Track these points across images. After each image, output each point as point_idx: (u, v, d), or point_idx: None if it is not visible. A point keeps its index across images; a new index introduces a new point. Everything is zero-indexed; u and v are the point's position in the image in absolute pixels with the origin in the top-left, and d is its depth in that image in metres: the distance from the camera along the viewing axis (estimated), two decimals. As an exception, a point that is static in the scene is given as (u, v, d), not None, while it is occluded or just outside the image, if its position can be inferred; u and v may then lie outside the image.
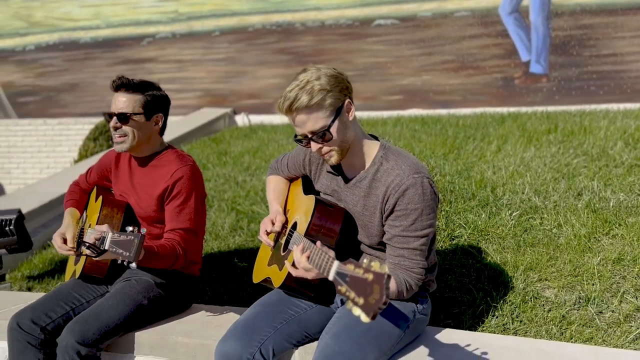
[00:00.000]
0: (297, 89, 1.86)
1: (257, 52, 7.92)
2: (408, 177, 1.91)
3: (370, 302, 1.40)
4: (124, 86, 2.38)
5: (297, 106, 1.86)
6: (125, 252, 1.89)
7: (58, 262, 3.67)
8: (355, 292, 1.44)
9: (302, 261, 1.81)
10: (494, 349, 1.99)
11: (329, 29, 7.71)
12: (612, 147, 4.07)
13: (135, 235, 1.90)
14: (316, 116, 1.88)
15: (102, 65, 8.54)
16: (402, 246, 1.92)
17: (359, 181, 2.03)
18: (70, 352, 2.11)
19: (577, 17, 7.00)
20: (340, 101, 1.92)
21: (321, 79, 1.88)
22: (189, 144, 6.31)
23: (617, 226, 3.03)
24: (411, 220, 1.91)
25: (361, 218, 2.04)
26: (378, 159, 2.01)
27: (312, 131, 1.91)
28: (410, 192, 1.90)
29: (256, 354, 1.95)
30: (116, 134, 2.41)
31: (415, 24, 7.44)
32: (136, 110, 2.38)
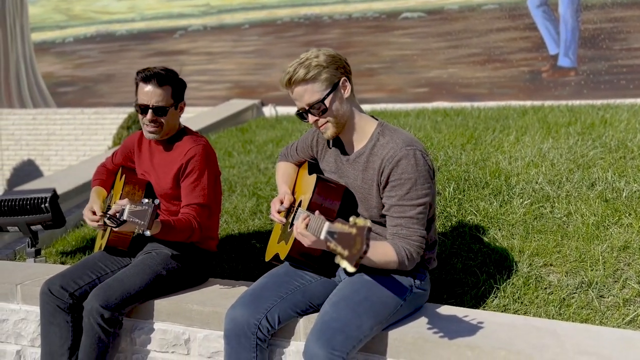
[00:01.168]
0: (296, 64, 2.05)
1: (285, 45, 8.06)
2: (401, 149, 2.04)
3: (353, 252, 1.55)
4: (156, 78, 2.51)
5: (295, 79, 2.03)
6: (140, 221, 2.05)
7: (89, 240, 3.90)
8: (341, 246, 1.59)
9: (300, 227, 1.94)
10: (487, 324, 2.08)
11: (356, 22, 7.80)
12: (631, 140, 4.07)
13: (149, 205, 2.06)
14: (312, 89, 2.04)
15: (136, 57, 8.83)
16: (399, 215, 2.04)
17: (358, 156, 2.16)
18: (94, 315, 2.30)
19: (607, 10, 6.92)
20: (336, 77, 2.06)
21: (319, 57, 2.05)
22: (216, 133, 6.51)
23: (627, 215, 3.06)
24: (406, 190, 2.02)
25: (360, 192, 2.17)
26: (375, 135, 2.14)
27: (308, 103, 2.07)
28: (403, 163, 2.02)
29: (262, 320, 2.09)
30: (150, 124, 2.55)
31: (443, 17, 7.46)
32: (170, 103, 2.54)
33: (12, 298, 2.75)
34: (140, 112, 2.56)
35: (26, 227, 3.42)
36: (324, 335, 1.88)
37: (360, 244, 1.52)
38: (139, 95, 2.55)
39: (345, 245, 1.57)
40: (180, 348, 2.41)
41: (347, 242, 1.57)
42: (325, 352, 1.84)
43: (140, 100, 2.54)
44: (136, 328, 2.50)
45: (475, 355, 1.88)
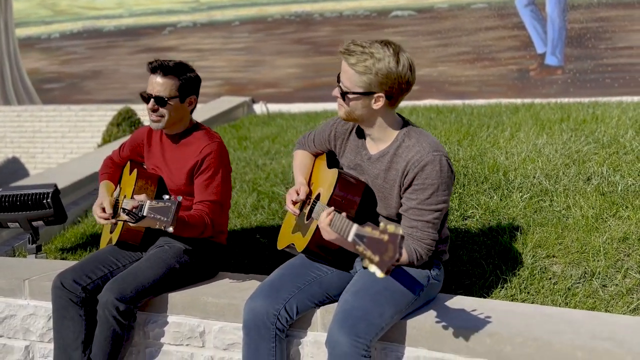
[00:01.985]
0: (360, 49, 2.01)
1: (275, 42, 8.07)
2: (428, 154, 2.05)
3: (385, 259, 1.57)
4: (161, 69, 2.54)
5: (346, 57, 2.03)
6: (163, 218, 2.06)
7: (89, 236, 3.88)
8: (371, 251, 1.62)
9: (324, 222, 1.97)
10: (499, 313, 2.13)
11: (347, 20, 7.84)
12: (623, 136, 4.17)
13: (172, 202, 2.07)
14: (350, 77, 2.03)
15: (124, 54, 8.76)
16: (416, 218, 2.07)
17: (382, 156, 2.18)
18: (109, 308, 2.30)
19: (593, 10, 7.07)
20: (374, 88, 2.03)
21: (377, 64, 2.00)
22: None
23: (624, 208, 3.15)
24: (427, 195, 2.05)
25: (381, 191, 2.19)
26: (401, 136, 2.15)
27: (341, 81, 2.08)
28: (428, 168, 2.04)
29: (281, 310, 2.12)
30: (152, 114, 2.57)
31: (432, 16, 7.54)
32: (172, 94, 2.55)
33: (20, 293, 2.73)
34: (145, 102, 2.58)
35: (27, 223, 3.39)
36: (346, 323, 1.91)
37: (393, 252, 1.55)
38: (147, 85, 2.58)
39: (375, 251, 1.59)
40: (195, 340, 2.43)
41: (378, 247, 1.60)
42: (349, 340, 1.88)
43: (147, 89, 2.57)
44: (149, 321, 2.50)
45: (494, 341, 1.93)
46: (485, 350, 1.94)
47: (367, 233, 1.66)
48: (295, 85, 8.00)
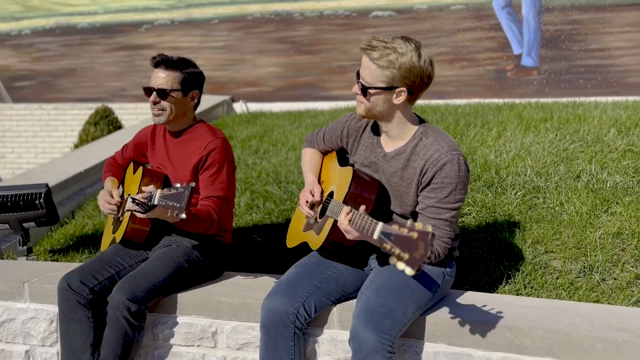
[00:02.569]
0: (383, 44, 1.99)
1: (255, 41, 8.03)
2: (447, 153, 2.08)
3: (416, 256, 1.59)
4: (163, 63, 2.52)
5: (368, 52, 2.02)
6: (176, 204, 2.03)
7: (79, 237, 3.79)
8: (400, 249, 1.63)
9: (344, 223, 1.98)
10: (513, 307, 2.19)
11: (327, 19, 7.86)
12: (606, 134, 4.31)
13: (185, 187, 2.05)
14: (372, 72, 2.03)
15: (99, 51, 8.57)
16: (434, 216, 2.10)
17: (398, 154, 2.19)
18: (121, 308, 2.26)
19: (567, 13, 7.26)
20: (396, 83, 2.04)
21: (400, 58, 1.99)
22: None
23: (615, 204, 3.25)
24: (446, 194, 2.08)
25: (397, 189, 2.20)
26: (418, 135, 2.17)
27: (361, 76, 2.08)
28: (447, 167, 2.07)
29: (300, 308, 2.12)
30: (154, 107, 2.55)
31: (412, 16, 7.62)
32: (174, 87, 2.52)
33: (19, 297, 2.66)
34: (146, 94, 2.57)
35: (18, 224, 3.29)
36: (372, 319, 1.93)
37: (425, 249, 1.57)
38: (150, 79, 2.55)
39: (405, 248, 1.61)
40: (207, 341, 2.40)
41: (406, 245, 1.61)
42: (376, 336, 1.89)
43: (149, 83, 2.55)
44: (159, 323, 2.47)
45: (514, 335, 1.97)
46: (505, 343, 1.99)
47: (394, 231, 1.67)
48: (275, 84, 7.97)
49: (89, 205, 4.36)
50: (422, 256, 1.56)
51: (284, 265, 3.07)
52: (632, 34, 7.14)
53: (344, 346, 2.21)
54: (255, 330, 2.34)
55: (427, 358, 2.09)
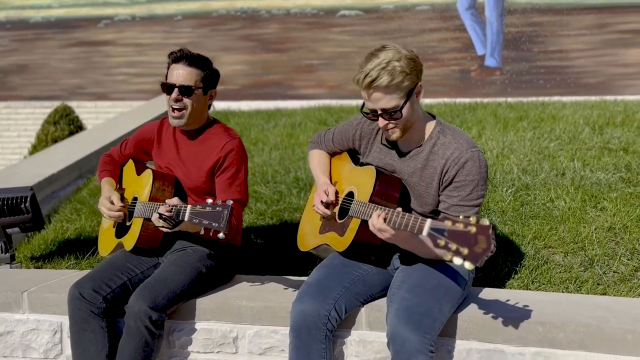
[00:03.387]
0: (379, 69, 1.98)
1: (221, 38, 7.89)
2: (467, 150, 2.10)
3: (477, 250, 1.60)
4: (186, 59, 2.41)
5: (378, 85, 1.99)
6: (213, 223, 1.97)
7: (60, 243, 3.60)
8: (457, 244, 1.63)
9: (379, 222, 1.96)
10: (534, 302, 2.22)
11: (294, 18, 7.82)
12: (581, 133, 4.49)
13: (224, 207, 1.98)
14: (391, 96, 2.02)
15: (54, 47, 8.19)
16: (457, 214, 2.11)
17: (416, 154, 2.20)
18: (142, 317, 2.16)
19: (527, 15, 7.52)
20: (414, 84, 2.06)
21: (401, 60, 2.01)
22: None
23: (602, 200, 3.39)
24: (468, 191, 2.10)
25: (417, 188, 2.21)
26: (435, 134, 2.18)
27: (384, 109, 2.05)
28: (469, 165, 2.09)
29: (332, 310, 2.09)
30: (175, 106, 2.43)
31: (379, 16, 7.69)
32: (197, 85, 2.43)
33: (17, 307, 2.50)
34: (166, 92, 2.45)
35: (1, 230, 3.10)
36: (412, 319, 1.92)
37: (487, 243, 1.58)
38: (168, 75, 2.46)
39: (463, 243, 1.61)
40: (228, 347, 2.34)
41: (464, 240, 1.62)
42: (418, 336, 1.89)
43: (168, 80, 2.45)
44: (174, 330, 2.38)
45: (547, 330, 2.02)
46: (537, 338, 2.03)
47: (446, 226, 1.67)
48: (242, 83, 7.86)
49: (65, 209, 4.16)
50: (484, 250, 1.57)
51: (287, 267, 3.03)
52: (588, 37, 7.47)
53: (373, 347, 2.21)
54: (279, 334, 2.29)
55: (460, 356, 2.11)
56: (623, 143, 4.21)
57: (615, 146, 4.14)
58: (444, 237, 1.65)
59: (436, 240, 1.67)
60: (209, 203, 2.03)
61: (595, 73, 7.52)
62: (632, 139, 4.28)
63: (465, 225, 1.62)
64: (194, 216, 2.02)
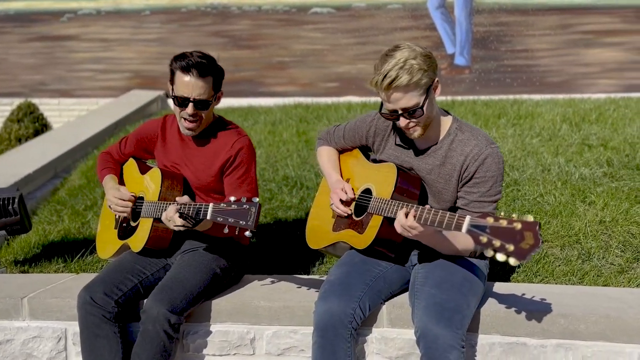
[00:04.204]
0: (397, 69, 1.97)
1: (191, 34, 7.73)
2: (486, 147, 2.13)
3: (524, 247, 1.62)
4: (197, 69, 2.27)
5: (397, 84, 1.98)
6: (241, 221, 1.92)
7: (43, 245, 3.44)
8: (501, 240, 1.65)
9: (408, 220, 1.96)
10: (548, 295, 2.27)
11: (266, 14, 7.74)
12: (560, 130, 4.63)
13: (251, 205, 1.93)
14: (411, 95, 2.02)
15: (13, 41, 7.83)
16: (478, 211, 2.13)
17: (434, 151, 2.21)
18: (161, 321, 2.08)
19: (495, 15, 7.70)
20: (431, 80, 2.06)
21: (417, 58, 2.01)
22: (132, 126, 6.06)
23: (589, 195, 3.50)
24: (488, 187, 2.13)
25: (435, 185, 2.22)
26: (453, 131, 2.20)
27: (404, 108, 2.04)
28: (489, 161, 2.12)
29: (357, 308, 2.08)
30: (189, 118, 2.34)
31: (351, 14, 7.71)
32: (211, 95, 2.35)
33: (17, 314, 2.37)
34: (179, 105, 2.34)
35: (-14, 233, 2.94)
36: (443, 316, 1.93)
37: (534, 239, 1.60)
38: (177, 85, 2.33)
39: (508, 240, 1.62)
40: (245, 349, 2.29)
41: (509, 236, 1.63)
42: (450, 332, 1.90)
43: (179, 91, 2.32)
44: (189, 333, 2.31)
45: (569, 322, 2.07)
46: (559, 330, 2.07)
47: (488, 223, 1.68)
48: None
49: (44, 210, 3.98)
50: (532, 246, 1.59)
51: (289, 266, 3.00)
52: (552, 37, 7.71)
53: (395, 344, 2.20)
54: (298, 334, 2.26)
55: (483, 350, 2.13)
56: (600, 139, 4.36)
57: (594, 142, 4.29)
58: (486, 233, 1.66)
59: (478, 237, 1.68)
60: (233, 200, 1.98)
61: (558, 72, 7.76)
62: (609, 135, 4.45)
63: (509, 221, 1.64)
64: (218, 214, 1.96)
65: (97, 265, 3.12)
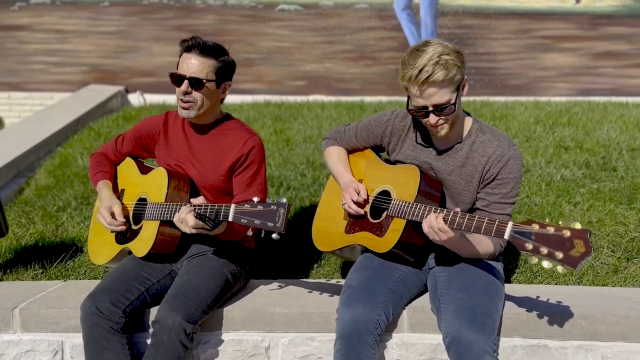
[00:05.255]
0: (433, 64, 1.93)
1: (152, 28, 7.45)
2: (509, 148, 2.12)
3: (574, 255, 1.60)
4: (198, 47, 2.23)
5: (434, 80, 1.94)
6: (269, 223, 1.82)
7: (16, 251, 3.19)
8: (549, 248, 1.63)
9: (439, 223, 1.92)
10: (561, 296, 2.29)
11: (232, 10, 7.56)
12: (534, 132, 4.73)
13: (279, 205, 1.84)
14: (445, 91, 1.98)
15: (-42, 30, 7.31)
16: (498, 212, 2.13)
17: (455, 152, 2.18)
18: (177, 330, 1.96)
19: (459, 18, 7.82)
20: (462, 77, 2.04)
21: (451, 54, 1.98)
22: (97, 123, 5.77)
23: (573, 196, 3.59)
24: (509, 188, 2.12)
25: (454, 186, 2.19)
26: (474, 132, 2.18)
27: (436, 104, 2.00)
28: (511, 163, 2.11)
29: (381, 314, 2.02)
30: (183, 98, 2.25)
31: (318, 12, 7.64)
32: (209, 77, 2.25)
33: (6, 326, 2.18)
34: (175, 83, 2.26)
35: (-42, 238, 2.69)
36: (475, 320, 1.90)
37: (586, 247, 1.58)
38: (179, 65, 2.27)
39: (557, 247, 1.61)
40: (260, 357, 2.19)
41: (558, 244, 1.61)
42: (484, 337, 1.87)
43: (178, 70, 2.26)
44: (200, 342, 2.19)
45: (590, 323, 2.08)
46: (580, 332, 2.09)
47: (533, 230, 1.67)
48: (176, 76, 7.47)
49: (10, 212, 3.71)
50: (584, 254, 1.57)
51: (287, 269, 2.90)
52: (512, 41, 7.91)
53: (416, 349, 2.16)
54: (315, 341, 2.18)
55: (505, 353, 2.12)
56: (575, 141, 4.49)
57: (570, 144, 4.41)
58: (532, 240, 1.64)
59: (523, 244, 1.66)
60: (257, 201, 1.88)
61: (519, 75, 7.97)
62: (582, 137, 4.58)
63: (557, 229, 1.62)
64: (242, 216, 1.86)
65: (80, 271, 2.92)
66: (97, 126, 5.62)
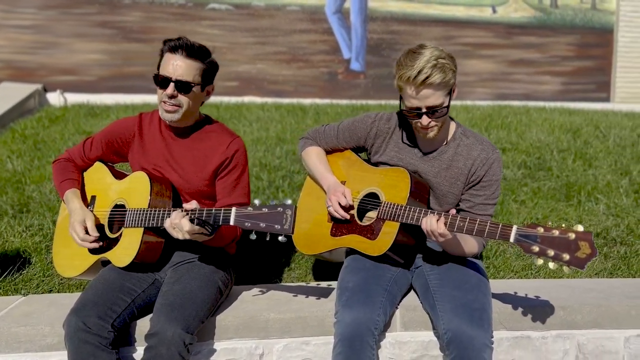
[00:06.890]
0: (431, 66, 1.97)
1: (73, 23, 7.01)
2: (492, 152, 2.21)
3: (580, 256, 1.69)
4: (185, 49, 2.12)
5: (431, 82, 1.98)
6: (276, 225, 1.77)
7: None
8: (555, 250, 1.71)
9: (440, 227, 1.96)
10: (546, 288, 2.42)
11: (159, 7, 7.29)
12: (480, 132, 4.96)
13: (286, 207, 1.79)
14: (440, 94, 2.03)
15: None
16: (481, 213, 2.22)
17: (440, 154, 2.24)
18: (177, 343, 1.85)
19: (387, 23, 8.05)
20: (454, 82, 2.10)
21: (446, 58, 2.02)
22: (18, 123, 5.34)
23: (518, 194, 3.80)
24: (492, 190, 2.22)
25: (439, 188, 2.26)
26: (458, 135, 2.25)
27: (430, 106, 2.05)
28: (495, 165, 2.21)
29: (380, 314, 2.04)
30: (169, 102, 2.13)
31: (250, 13, 7.56)
32: (196, 80, 2.16)
33: (-30, 349, 1.96)
34: (159, 86, 2.14)
35: None
36: (474, 316, 1.96)
37: (591, 248, 1.67)
38: (163, 66, 2.17)
39: (563, 249, 1.68)
40: (254, 365, 2.12)
41: (564, 246, 1.69)
42: (483, 332, 1.93)
43: (162, 71, 2.15)
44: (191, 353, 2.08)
45: (567, 313, 2.22)
46: (559, 322, 2.22)
47: (538, 233, 1.74)
48: (99, 74, 7.08)
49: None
50: (589, 255, 1.65)
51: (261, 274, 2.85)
52: (437, 47, 8.25)
53: (409, 347, 2.20)
54: (310, 345, 2.16)
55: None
56: (510, 143, 4.77)
57: (506, 146, 4.67)
58: (537, 243, 1.71)
59: (530, 247, 1.73)
60: (259, 204, 1.83)
61: (442, 80, 8.33)
62: (515, 139, 4.87)
63: (562, 231, 1.70)
64: (246, 219, 1.80)
65: (31, 285, 2.69)
66: (20, 127, 5.21)
